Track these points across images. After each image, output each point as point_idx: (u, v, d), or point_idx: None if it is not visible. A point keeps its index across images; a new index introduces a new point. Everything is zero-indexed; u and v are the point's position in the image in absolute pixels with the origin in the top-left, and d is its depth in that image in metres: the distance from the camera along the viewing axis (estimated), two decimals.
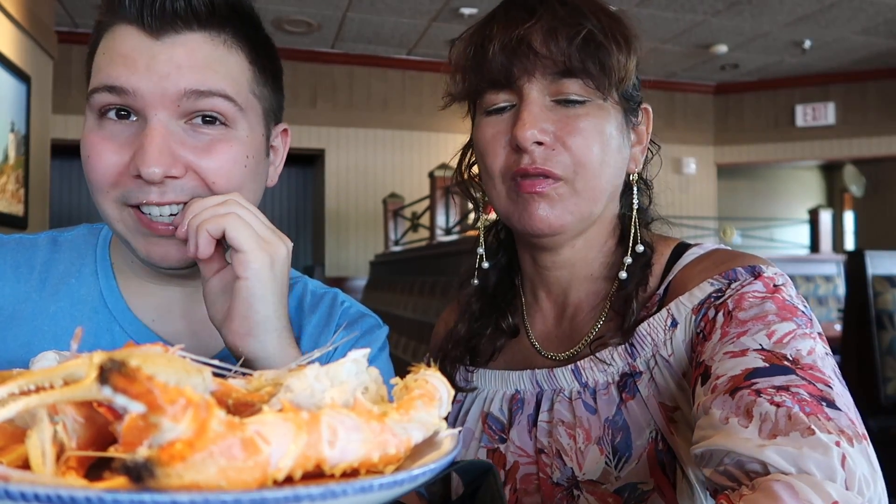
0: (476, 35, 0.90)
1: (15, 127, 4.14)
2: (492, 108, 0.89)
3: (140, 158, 0.76)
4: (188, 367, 0.42)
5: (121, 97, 0.78)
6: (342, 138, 8.20)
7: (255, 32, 0.86)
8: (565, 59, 0.83)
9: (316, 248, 8.86)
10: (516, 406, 0.95)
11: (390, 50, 8.02)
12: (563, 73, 0.84)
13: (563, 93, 0.85)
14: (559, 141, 0.85)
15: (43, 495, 0.31)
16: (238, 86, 0.83)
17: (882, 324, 3.13)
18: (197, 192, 0.81)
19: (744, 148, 9.45)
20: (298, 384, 0.45)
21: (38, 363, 0.55)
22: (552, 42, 0.83)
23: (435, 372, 0.52)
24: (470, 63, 0.90)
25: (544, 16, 0.85)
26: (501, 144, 0.88)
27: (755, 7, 6.57)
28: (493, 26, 0.88)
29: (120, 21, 0.80)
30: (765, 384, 0.68)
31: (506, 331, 1.01)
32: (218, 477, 0.33)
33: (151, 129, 0.77)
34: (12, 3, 4.00)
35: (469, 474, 0.64)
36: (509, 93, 0.87)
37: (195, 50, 0.79)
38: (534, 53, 0.84)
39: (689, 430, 0.80)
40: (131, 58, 0.78)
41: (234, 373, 0.51)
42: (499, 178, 0.89)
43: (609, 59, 0.84)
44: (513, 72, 0.85)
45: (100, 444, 0.42)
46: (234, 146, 0.82)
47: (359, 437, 0.39)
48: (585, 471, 0.85)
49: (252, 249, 0.73)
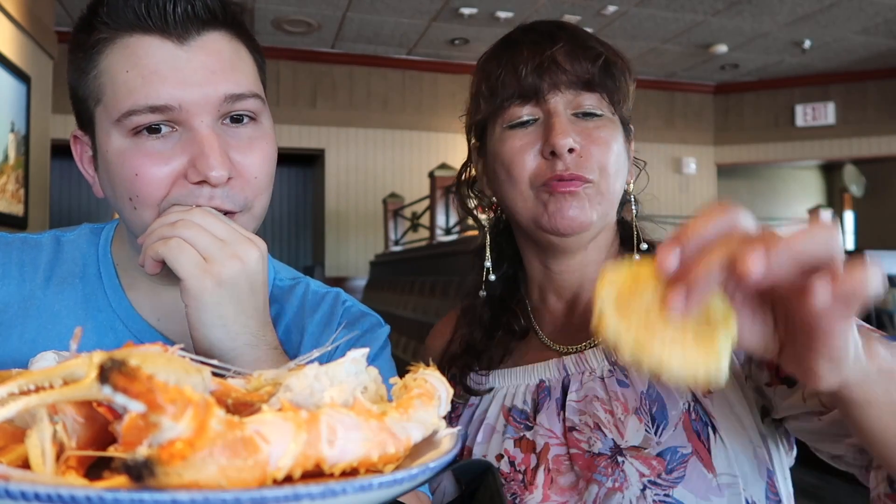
0: (503, 59, 1.00)
1: (15, 127, 4.15)
2: (515, 122, 0.98)
3: (203, 164, 0.77)
4: (188, 366, 0.42)
5: (164, 114, 0.77)
6: (342, 138, 8.20)
7: (246, 27, 0.89)
8: (588, 76, 0.96)
9: (316, 248, 8.87)
10: (542, 394, 1.00)
11: (390, 50, 8.03)
12: (585, 87, 0.96)
13: (583, 106, 0.97)
14: (585, 149, 0.95)
15: (43, 494, 0.31)
16: (257, 80, 0.86)
17: (882, 324, 3.13)
18: (239, 202, 0.82)
19: (744, 148, 9.46)
20: (298, 383, 0.45)
21: (38, 363, 0.55)
22: (576, 61, 0.96)
23: (434, 371, 0.52)
24: (500, 82, 0.99)
25: (566, 40, 0.98)
26: (531, 154, 0.97)
27: (755, 7, 6.57)
28: (521, 50, 0.99)
29: (133, 32, 0.78)
30: None
31: (517, 332, 1.08)
32: (218, 476, 0.33)
33: (205, 135, 0.78)
34: (12, 3, 4.01)
35: (468, 474, 0.65)
36: (534, 106, 0.97)
37: (220, 52, 0.80)
38: (561, 70, 0.96)
39: (726, 402, 0.89)
40: (164, 71, 0.77)
41: (233, 372, 0.51)
42: (527, 184, 0.98)
43: (621, 79, 0.98)
44: (542, 87, 0.96)
45: (100, 443, 0.42)
46: (266, 141, 0.86)
47: (358, 436, 0.39)
48: (627, 438, 0.90)
49: (189, 276, 0.72)
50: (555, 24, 1.04)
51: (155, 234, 0.74)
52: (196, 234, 0.72)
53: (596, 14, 6.74)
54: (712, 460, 0.86)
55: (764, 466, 0.88)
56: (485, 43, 1.19)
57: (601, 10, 6.67)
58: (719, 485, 0.85)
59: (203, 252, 0.72)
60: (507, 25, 7.35)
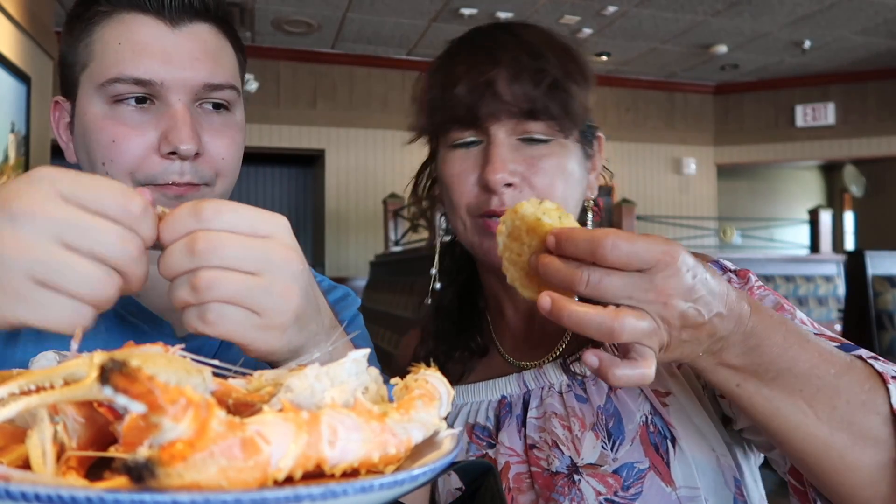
0: (440, 74, 0.93)
1: (15, 127, 4.15)
2: (457, 143, 0.92)
3: (175, 136, 0.82)
4: (188, 367, 0.42)
5: (145, 87, 0.83)
6: (342, 138, 8.20)
7: (233, 26, 0.95)
8: (529, 103, 0.87)
9: (316, 248, 8.86)
10: (504, 411, 0.97)
11: (390, 50, 8.03)
12: (527, 116, 0.88)
13: (528, 132, 0.89)
14: (525, 181, 0.89)
15: (43, 495, 0.31)
16: (235, 74, 0.92)
17: (882, 324, 3.13)
18: (206, 176, 0.86)
19: (744, 148, 9.46)
20: (299, 384, 0.45)
21: (38, 363, 0.55)
22: (516, 86, 0.87)
23: (435, 372, 0.52)
24: (436, 102, 0.93)
25: (507, 61, 0.88)
26: (469, 182, 0.91)
27: (755, 7, 6.58)
28: (456, 67, 0.91)
29: (131, 10, 0.84)
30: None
31: (476, 350, 1.04)
32: (218, 477, 0.33)
33: (180, 111, 0.83)
34: (12, 3, 4.01)
35: (469, 474, 0.65)
36: (475, 130, 0.90)
37: (206, 41, 0.87)
38: (499, 98, 0.87)
39: (684, 413, 0.87)
40: (153, 48, 0.83)
41: (234, 373, 0.51)
42: (465, 212, 0.93)
43: (571, 101, 0.88)
44: (479, 114, 0.88)
45: (100, 444, 0.42)
46: (236, 131, 0.91)
47: (359, 436, 0.39)
48: (584, 456, 0.88)
49: (254, 341, 0.58)
50: (499, 30, 0.95)
51: (179, 300, 0.57)
52: (226, 285, 0.55)
53: (596, 14, 6.74)
54: (671, 473, 0.84)
55: (731, 475, 0.85)
56: None
57: (601, 11, 6.67)
58: (679, 498, 0.83)
59: (249, 305, 0.56)
60: None
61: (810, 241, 6.88)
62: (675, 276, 0.60)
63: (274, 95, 7.98)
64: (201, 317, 0.56)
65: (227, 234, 0.55)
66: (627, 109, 9.17)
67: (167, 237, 0.56)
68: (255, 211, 0.58)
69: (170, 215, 0.56)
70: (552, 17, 6.77)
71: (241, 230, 0.56)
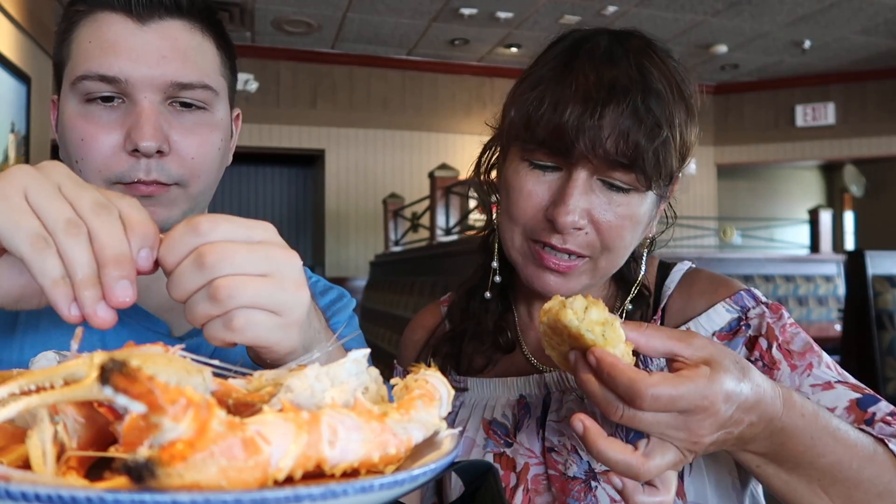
0: (548, 86, 0.84)
1: (15, 127, 4.15)
2: (535, 162, 0.86)
3: (137, 133, 0.82)
4: (188, 367, 0.42)
5: (112, 85, 0.83)
6: (342, 138, 8.20)
7: (219, 23, 0.94)
8: (629, 158, 0.81)
9: (316, 248, 8.87)
10: (522, 410, 0.96)
11: (390, 50, 8.03)
12: (622, 167, 0.82)
13: (612, 178, 0.83)
14: (593, 223, 0.84)
15: (44, 495, 0.31)
16: (213, 72, 0.90)
17: (882, 324, 3.12)
18: (175, 176, 0.85)
19: (744, 148, 9.46)
20: (299, 384, 0.45)
21: (38, 363, 0.55)
22: (623, 141, 0.80)
23: (435, 372, 0.52)
24: (535, 118, 0.84)
25: (625, 102, 0.80)
26: (535, 204, 0.86)
27: (755, 7, 6.58)
28: (567, 86, 0.83)
29: (104, 9, 0.85)
30: (879, 414, 0.80)
31: (502, 346, 1.02)
32: (219, 477, 0.33)
33: (144, 108, 0.83)
34: (12, 3, 4.01)
35: (469, 474, 0.64)
36: (561, 159, 0.84)
37: (177, 39, 0.86)
38: (602, 144, 0.80)
39: None
40: (120, 46, 0.83)
41: (234, 373, 0.51)
42: (520, 229, 0.89)
43: (669, 157, 0.83)
44: (574, 151, 0.81)
45: (100, 444, 0.42)
46: (212, 130, 0.89)
47: (359, 436, 0.39)
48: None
49: (278, 342, 0.58)
50: (625, 51, 0.85)
51: (201, 315, 0.55)
52: (245, 290, 0.54)
53: (596, 14, 6.74)
54: (683, 487, 0.84)
55: (736, 490, 0.87)
56: (485, 43, 1.16)
57: (601, 11, 6.67)
58: None
59: (270, 306, 0.56)
60: (507, 26, 7.37)
61: (810, 241, 6.87)
62: (712, 417, 0.61)
63: (274, 95, 7.98)
64: (227, 325, 0.55)
65: (230, 243, 0.54)
66: None
67: (171, 259, 0.55)
68: (245, 220, 0.58)
69: (167, 238, 0.55)
70: (552, 16, 6.77)
71: (239, 238, 0.56)
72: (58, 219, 0.51)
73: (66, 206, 0.52)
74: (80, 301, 0.51)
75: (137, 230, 0.54)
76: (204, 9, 0.90)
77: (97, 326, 0.51)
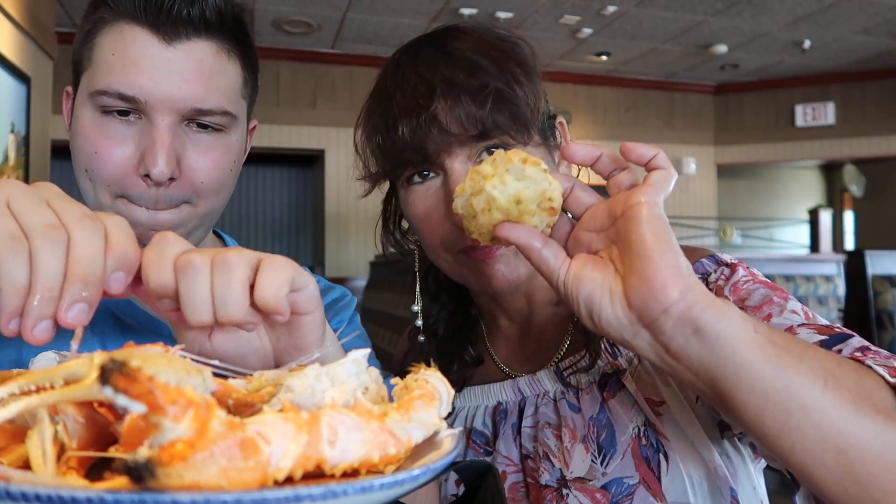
0: (378, 116, 0.88)
1: (15, 128, 4.15)
2: (414, 181, 0.88)
3: (150, 160, 0.81)
4: (189, 367, 0.42)
5: (131, 104, 0.81)
6: (342, 138, 8.19)
7: (247, 38, 0.91)
8: (477, 127, 0.81)
9: (316, 248, 8.86)
10: (500, 417, 0.96)
11: (390, 50, 7.88)
12: (479, 138, 0.83)
13: (494, 146, 0.83)
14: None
15: (44, 495, 0.31)
16: (234, 94, 0.88)
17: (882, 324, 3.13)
18: (186, 197, 0.85)
19: (744, 148, 9.46)
20: (299, 384, 0.45)
21: (39, 363, 0.55)
22: (459, 111, 0.81)
23: (435, 372, 0.52)
24: (382, 147, 0.87)
25: (443, 85, 0.82)
26: (437, 219, 0.86)
27: (755, 7, 6.58)
28: (393, 104, 0.85)
29: (129, 21, 0.82)
30: (847, 350, 0.70)
31: (470, 362, 1.02)
32: (219, 477, 0.33)
33: (160, 133, 0.81)
34: (12, 3, 4.01)
35: (469, 474, 0.65)
36: (430, 166, 0.85)
37: (202, 62, 0.83)
38: (445, 131, 0.81)
39: (676, 424, 0.84)
40: (143, 65, 0.81)
41: (234, 373, 0.51)
42: (442, 249, 0.89)
43: (519, 107, 0.83)
44: (429, 152, 0.83)
45: (100, 444, 0.42)
46: (225, 153, 0.88)
47: (359, 437, 0.39)
48: (573, 469, 0.86)
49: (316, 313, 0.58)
50: (428, 47, 0.89)
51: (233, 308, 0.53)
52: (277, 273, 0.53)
53: (596, 14, 6.74)
54: (662, 489, 0.82)
55: (726, 486, 0.82)
56: None
57: (601, 10, 6.67)
58: None
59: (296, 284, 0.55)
60: (507, 26, 7.34)
61: (810, 240, 6.88)
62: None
63: (274, 95, 7.98)
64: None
65: (213, 249, 0.53)
66: (627, 109, 9.16)
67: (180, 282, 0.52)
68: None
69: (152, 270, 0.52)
70: (552, 17, 6.77)
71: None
72: (38, 223, 0.49)
73: (51, 213, 0.51)
74: (26, 309, 0.48)
75: (117, 250, 0.51)
76: (234, 27, 0.86)
77: (29, 342, 0.48)
